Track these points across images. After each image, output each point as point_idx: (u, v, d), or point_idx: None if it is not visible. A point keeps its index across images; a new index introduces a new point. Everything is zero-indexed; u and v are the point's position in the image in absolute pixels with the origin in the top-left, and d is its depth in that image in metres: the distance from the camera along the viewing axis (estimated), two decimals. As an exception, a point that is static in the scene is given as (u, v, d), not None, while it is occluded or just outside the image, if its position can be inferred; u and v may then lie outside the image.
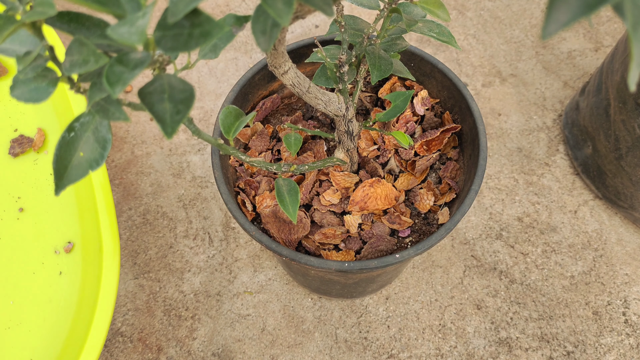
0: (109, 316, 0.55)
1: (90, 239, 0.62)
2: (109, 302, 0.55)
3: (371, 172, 0.54)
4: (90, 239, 0.62)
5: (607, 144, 0.68)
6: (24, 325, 0.60)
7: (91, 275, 0.60)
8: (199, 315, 0.68)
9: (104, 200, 0.62)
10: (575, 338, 0.66)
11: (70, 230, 0.66)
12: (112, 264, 0.58)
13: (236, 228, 0.74)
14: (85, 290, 0.60)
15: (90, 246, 0.62)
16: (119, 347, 0.66)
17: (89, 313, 0.56)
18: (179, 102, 0.22)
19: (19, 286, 0.62)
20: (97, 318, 0.54)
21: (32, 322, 0.60)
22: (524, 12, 0.94)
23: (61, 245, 0.64)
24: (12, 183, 0.69)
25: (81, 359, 0.52)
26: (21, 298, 0.62)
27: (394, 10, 0.40)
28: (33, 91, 0.25)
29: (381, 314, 0.68)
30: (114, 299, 0.56)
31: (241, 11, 0.96)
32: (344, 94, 0.43)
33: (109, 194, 0.63)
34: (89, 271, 0.61)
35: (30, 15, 0.21)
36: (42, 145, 0.71)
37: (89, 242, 0.63)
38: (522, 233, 0.73)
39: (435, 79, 0.56)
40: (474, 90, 0.85)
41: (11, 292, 0.62)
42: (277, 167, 0.41)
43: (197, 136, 0.32)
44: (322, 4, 0.20)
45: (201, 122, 0.83)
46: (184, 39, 0.21)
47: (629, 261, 0.71)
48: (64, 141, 0.26)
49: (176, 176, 0.79)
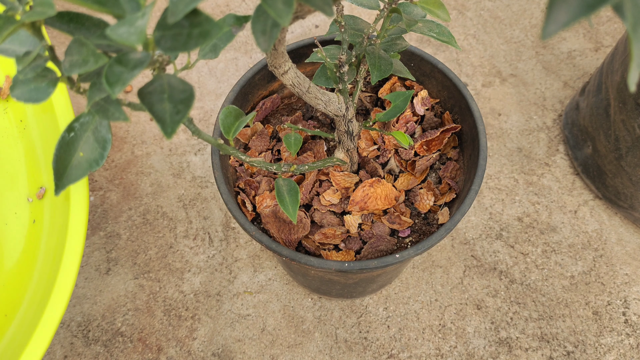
0: (78, 259, 0.54)
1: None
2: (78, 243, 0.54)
3: (371, 172, 0.54)
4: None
5: (607, 144, 0.68)
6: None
7: (60, 220, 0.58)
8: (199, 315, 0.68)
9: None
10: (575, 338, 0.66)
11: (42, 175, 0.64)
12: (79, 205, 0.56)
13: (236, 228, 0.74)
14: (54, 235, 0.59)
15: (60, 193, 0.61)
16: (119, 347, 0.66)
17: (57, 257, 0.55)
18: (179, 102, 0.22)
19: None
20: (65, 261, 0.53)
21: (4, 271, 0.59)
22: (524, 12, 0.94)
23: (34, 192, 0.63)
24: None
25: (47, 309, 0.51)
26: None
27: (394, 10, 0.40)
28: (33, 91, 0.25)
29: (381, 314, 0.68)
30: (82, 241, 0.54)
31: (241, 11, 0.96)
32: (344, 94, 0.43)
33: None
34: (58, 216, 0.60)
35: (29, 16, 0.21)
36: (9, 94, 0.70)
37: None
38: (522, 233, 0.73)
39: (435, 79, 0.56)
40: (474, 90, 0.85)
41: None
42: (277, 167, 0.41)
43: (197, 136, 0.32)
44: (322, 4, 0.20)
45: (201, 122, 0.83)
46: (183, 38, 0.21)
47: (629, 261, 0.71)
48: (63, 141, 0.26)
49: (176, 176, 0.79)
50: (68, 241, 0.54)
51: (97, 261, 0.71)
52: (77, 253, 0.54)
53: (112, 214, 0.75)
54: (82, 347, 0.66)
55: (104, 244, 0.73)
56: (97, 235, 0.73)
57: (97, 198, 0.76)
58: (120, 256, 0.72)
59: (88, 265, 0.71)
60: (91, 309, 0.68)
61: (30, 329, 0.51)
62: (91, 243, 0.73)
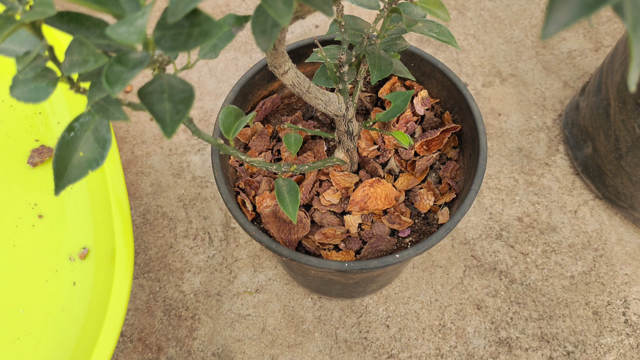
0: (120, 324, 0.53)
1: (104, 245, 0.61)
2: (120, 310, 0.54)
3: (371, 172, 0.54)
4: (105, 245, 0.61)
5: (607, 144, 0.68)
6: (33, 336, 0.59)
7: (103, 282, 0.58)
8: (199, 315, 0.68)
9: (117, 203, 0.60)
10: (575, 338, 0.66)
11: (85, 235, 0.64)
12: (124, 270, 0.56)
13: (236, 228, 0.74)
14: (96, 298, 0.59)
15: (104, 253, 0.61)
16: (119, 347, 0.66)
17: (99, 321, 0.54)
18: (179, 102, 0.22)
19: (30, 295, 0.61)
20: (107, 326, 0.53)
21: (42, 333, 0.59)
22: (524, 12, 0.94)
23: (76, 252, 0.63)
24: (29, 191, 0.68)
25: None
26: (33, 308, 0.60)
27: (394, 10, 0.40)
28: (33, 91, 0.25)
29: (381, 314, 0.68)
30: (125, 306, 0.54)
31: (241, 11, 0.96)
32: (344, 94, 0.43)
33: (125, 196, 0.61)
34: (102, 278, 0.59)
35: (29, 15, 0.21)
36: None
37: (103, 249, 0.61)
38: (522, 233, 0.73)
39: (435, 79, 0.56)
40: (474, 90, 0.85)
41: (23, 301, 0.61)
42: (277, 167, 0.41)
43: (197, 136, 0.32)
44: (322, 4, 0.20)
45: (201, 122, 0.83)
46: (183, 38, 0.21)
47: (629, 261, 0.71)
48: (63, 141, 0.26)
49: (176, 176, 0.78)
50: (110, 306, 0.54)
51: (97, 261, 0.72)
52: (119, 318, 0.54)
53: (112, 214, 0.75)
54: (82, 347, 0.66)
55: (104, 244, 0.73)
56: (97, 235, 0.73)
57: (97, 198, 0.76)
58: (120, 256, 0.72)
59: (88, 265, 0.71)
60: (91, 309, 0.68)
61: None
62: (91, 243, 0.73)
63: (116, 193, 0.62)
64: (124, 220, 0.60)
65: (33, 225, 0.66)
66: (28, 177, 0.70)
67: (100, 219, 0.64)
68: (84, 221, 0.65)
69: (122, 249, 0.58)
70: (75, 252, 0.63)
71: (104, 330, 0.53)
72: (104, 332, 0.53)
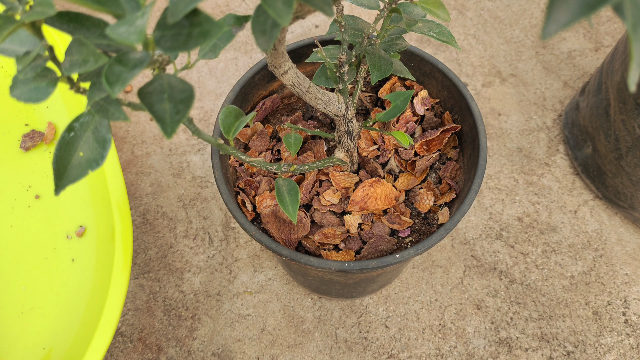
0: (122, 299, 0.55)
1: (102, 222, 0.63)
2: (122, 285, 0.56)
3: (371, 172, 0.54)
4: (103, 222, 0.63)
5: (607, 144, 0.68)
6: (36, 310, 0.61)
7: (104, 259, 0.60)
8: (199, 315, 0.68)
9: (114, 182, 0.62)
10: (575, 338, 0.66)
11: (82, 214, 0.66)
12: (124, 246, 0.58)
13: (236, 228, 0.74)
14: (98, 274, 0.60)
15: (103, 229, 0.63)
16: (119, 347, 0.66)
17: (102, 297, 0.56)
18: (179, 102, 0.22)
19: (31, 272, 0.63)
20: (109, 302, 0.55)
21: (45, 307, 0.61)
22: (524, 12, 0.94)
23: (73, 230, 0.65)
24: (23, 174, 0.70)
25: (93, 343, 0.53)
26: (34, 284, 0.62)
27: (394, 10, 0.40)
28: (33, 91, 0.25)
29: (381, 314, 0.68)
30: (126, 281, 0.56)
31: (241, 11, 0.96)
32: (344, 94, 0.43)
33: (120, 176, 0.63)
34: (102, 254, 0.61)
35: (29, 15, 0.21)
36: (53, 138, 0.73)
37: (101, 225, 0.63)
38: (522, 233, 0.73)
39: (435, 79, 0.56)
40: (474, 90, 0.85)
41: (24, 278, 0.63)
42: (277, 167, 0.41)
43: (197, 136, 0.32)
44: (322, 4, 0.20)
45: (201, 122, 0.83)
46: (183, 38, 0.21)
47: (629, 261, 0.71)
48: (63, 141, 0.26)
49: (176, 176, 0.79)
50: (112, 281, 0.56)
51: (97, 261, 0.72)
52: (121, 293, 0.55)
53: (112, 214, 0.75)
54: (82, 347, 0.66)
55: (104, 244, 0.73)
56: (97, 235, 0.73)
57: (97, 198, 0.76)
58: (120, 256, 0.72)
59: (88, 265, 0.71)
60: (91, 309, 0.68)
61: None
62: (91, 243, 0.73)
63: (111, 173, 0.64)
64: (121, 196, 0.62)
65: (29, 207, 0.68)
66: (21, 161, 0.71)
67: (96, 196, 0.66)
68: (80, 200, 0.67)
69: (120, 225, 0.59)
70: (72, 230, 0.65)
71: (108, 301, 0.55)
72: (108, 303, 0.55)
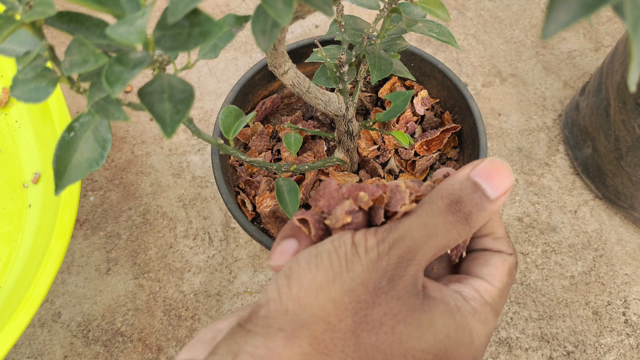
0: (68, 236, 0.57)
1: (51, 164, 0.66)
2: (68, 224, 0.57)
3: (371, 172, 0.54)
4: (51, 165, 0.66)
5: (607, 144, 0.68)
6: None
7: (52, 201, 0.62)
8: (199, 315, 0.68)
9: (61, 122, 0.64)
10: (575, 338, 0.66)
11: (36, 161, 0.68)
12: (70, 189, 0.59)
13: (236, 228, 0.74)
14: (46, 214, 0.63)
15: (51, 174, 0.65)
16: (119, 347, 0.66)
17: (47, 238, 0.58)
18: (179, 102, 0.22)
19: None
20: (55, 240, 0.56)
21: (3, 253, 0.63)
22: (524, 12, 0.94)
23: (29, 178, 0.67)
24: None
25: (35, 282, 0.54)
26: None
27: (394, 10, 0.40)
28: (33, 91, 0.25)
29: (381, 314, 0.68)
30: (72, 222, 0.58)
31: (241, 11, 0.96)
32: (344, 94, 0.43)
33: (67, 115, 0.65)
34: (50, 197, 0.64)
35: (29, 15, 0.21)
36: (8, 101, 0.74)
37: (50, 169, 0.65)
38: (522, 233, 0.73)
39: (435, 79, 0.56)
40: (474, 90, 0.85)
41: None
42: (277, 167, 0.41)
43: (197, 136, 0.32)
44: (322, 4, 0.20)
45: (201, 122, 0.83)
46: (183, 38, 0.21)
47: (629, 261, 0.71)
48: (63, 141, 0.26)
49: (176, 176, 0.79)
50: (58, 222, 0.58)
51: (96, 261, 0.71)
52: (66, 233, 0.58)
53: (112, 214, 0.75)
54: (82, 347, 0.66)
55: (104, 244, 0.73)
56: (97, 235, 0.73)
57: (97, 198, 0.76)
58: (120, 256, 0.72)
59: (88, 265, 0.71)
60: (91, 309, 0.68)
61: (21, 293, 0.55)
62: (91, 243, 0.73)
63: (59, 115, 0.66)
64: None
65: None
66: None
67: (47, 142, 0.68)
68: (33, 148, 0.70)
69: None
70: (29, 178, 0.67)
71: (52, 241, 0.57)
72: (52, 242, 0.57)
